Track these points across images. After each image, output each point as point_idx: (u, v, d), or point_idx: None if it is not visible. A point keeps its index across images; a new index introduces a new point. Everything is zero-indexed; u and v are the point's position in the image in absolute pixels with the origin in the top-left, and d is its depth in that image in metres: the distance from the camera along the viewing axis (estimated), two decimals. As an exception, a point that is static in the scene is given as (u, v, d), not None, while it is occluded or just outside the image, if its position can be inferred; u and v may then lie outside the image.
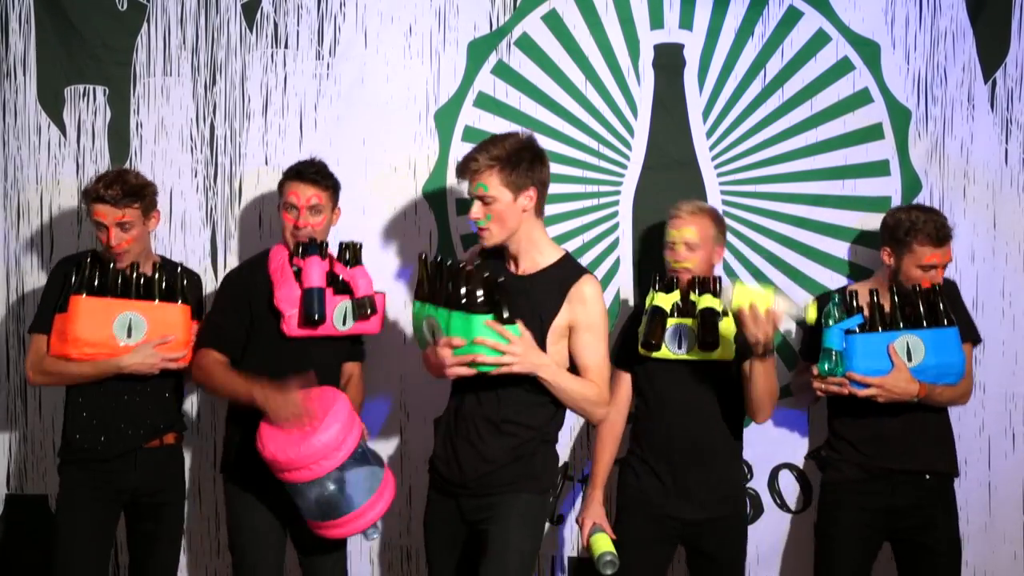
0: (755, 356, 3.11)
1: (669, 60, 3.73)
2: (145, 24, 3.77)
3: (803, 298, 3.65)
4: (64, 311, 3.20)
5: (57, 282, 3.30)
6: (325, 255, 3.22)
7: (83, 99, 3.78)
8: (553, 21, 3.73)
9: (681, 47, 3.73)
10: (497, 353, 2.89)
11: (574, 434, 3.72)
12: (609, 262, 3.73)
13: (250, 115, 3.76)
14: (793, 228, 3.72)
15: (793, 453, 3.73)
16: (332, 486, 2.97)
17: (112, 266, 3.25)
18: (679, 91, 3.73)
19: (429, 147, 3.75)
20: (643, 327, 3.25)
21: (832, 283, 3.70)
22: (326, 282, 3.18)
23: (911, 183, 3.71)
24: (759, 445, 3.58)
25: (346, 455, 2.98)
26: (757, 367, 3.13)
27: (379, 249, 3.72)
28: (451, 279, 2.96)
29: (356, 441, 3.04)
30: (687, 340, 3.22)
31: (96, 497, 3.27)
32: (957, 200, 3.73)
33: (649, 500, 3.28)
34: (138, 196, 3.27)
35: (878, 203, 3.68)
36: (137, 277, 3.25)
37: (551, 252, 3.09)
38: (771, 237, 3.72)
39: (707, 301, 3.20)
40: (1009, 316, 3.75)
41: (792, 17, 3.71)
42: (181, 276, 3.31)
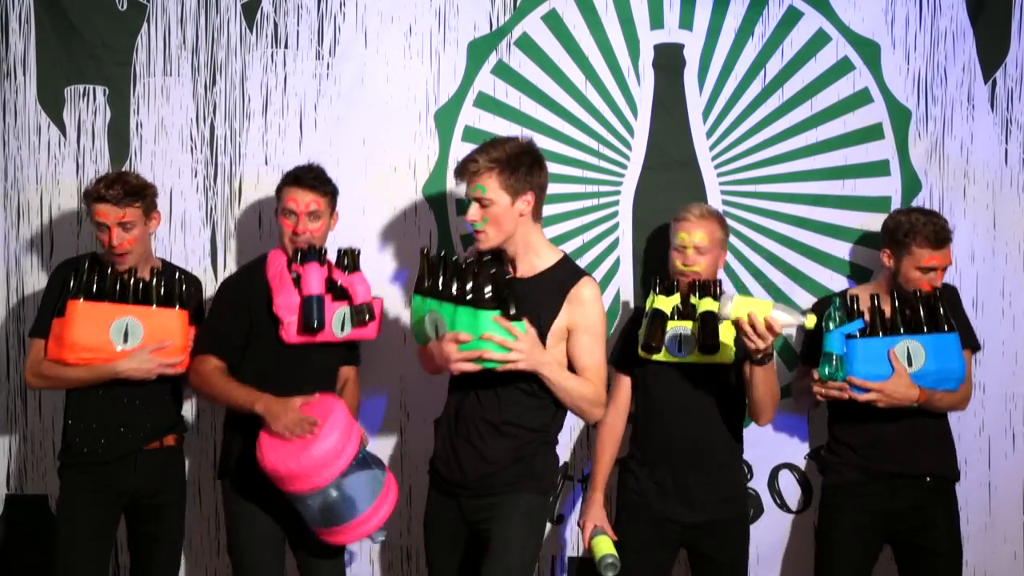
0: (755, 363, 3.11)
1: (669, 60, 3.73)
2: (145, 24, 3.76)
3: (802, 304, 3.66)
4: (62, 315, 3.21)
5: (56, 286, 3.30)
6: (324, 261, 3.21)
7: (83, 99, 3.78)
8: (553, 21, 3.72)
9: (681, 47, 3.73)
10: (504, 350, 2.90)
11: (574, 435, 3.72)
12: (609, 262, 3.73)
13: (250, 115, 3.76)
14: (793, 228, 3.72)
15: (793, 453, 3.73)
16: (335, 494, 2.98)
17: (110, 270, 3.25)
18: (679, 91, 3.73)
19: (429, 147, 3.74)
20: (643, 330, 3.24)
21: (832, 283, 3.70)
22: (325, 288, 3.18)
23: (911, 183, 3.71)
24: (759, 445, 3.58)
25: (346, 462, 2.98)
26: (757, 373, 3.13)
27: (379, 249, 3.72)
28: (456, 274, 2.96)
29: (356, 448, 3.04)
30: (687, 343, 3.22)
31: (96, 499, 3.26)
32: (957, 200, 3.73)
33: (649, 503, 3.27)
34: (139, 195, 3.27)
35: (878, 203, 3.68)
36: (135, 282, 3.25)
37: (549, 255, 3.09)
38: (771, 237, 3.72)
39: (707, 304, 3.19)
40: (1009, 316, 3.75)
41: (792, 17, 3.71)
42: (180, 281, 3.30)
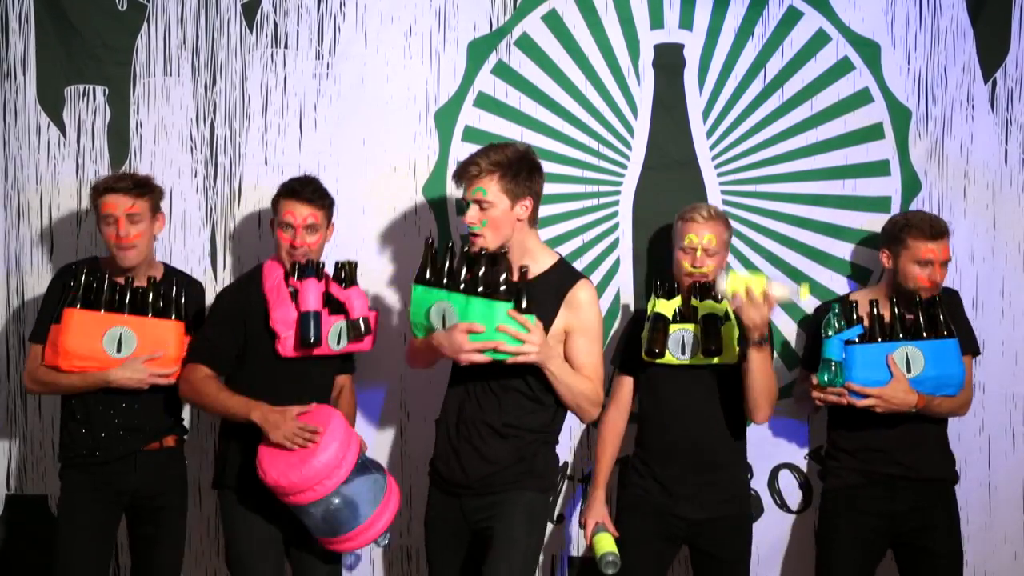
0: (752, 344, 3.11)
1: (669, 60, 3.73)
2: (145, 24, 3.76)
3: (802, 306, 3.67)
4: (59, 322, 3.21)
5: (55, 292, 3.31)
6: (321, 276, 3.21)
7: (83, 99, 3.78)
8: (553, 21, 3.72)
9: (681, 47, 3.73)
10: (518, 342, 2.90)
11: (575, 435, 3.72)
12: (609, 262, 3.73)
13: (250, 115, 3.76)
14: (793, 228, 3.72)
15: (793, 453, 3.73)
16: (338, 502, 2.98)
17: (108, 278, 3.26)
18: (679, 91, 3.73)
19: (429, 147, 3.74)
20: (646, 334, 3.25)
21: (832, 283, 3.70)
22: (322, 303, 3.17)
23: (911, 183, 3.71)
24: (759, 446, 3.58)
25: (347, 471, 2.99)
26: (754, 359, 3.12)
27: (378, 250, 3.72)
28: (467, 265, 2.97)
29: (356, 455, 3.05)
30: (690, 346, 3.22)
31: (97, 499, 3.27)
32: (957, 200, 3.73)
33: (653, 499, 3.28)
34: (148, 189, 3.30)
35: (878, 203, 3.68)
36: (132, 291, 3.25)
37: (545, 258, 3.10)
38: (771, 237, 3.72)
39: (708, 307, 3.20)
40: (1009, 316, 3.75)
41: (792, 17, 3.71)
42: (180, 292, 3.30)
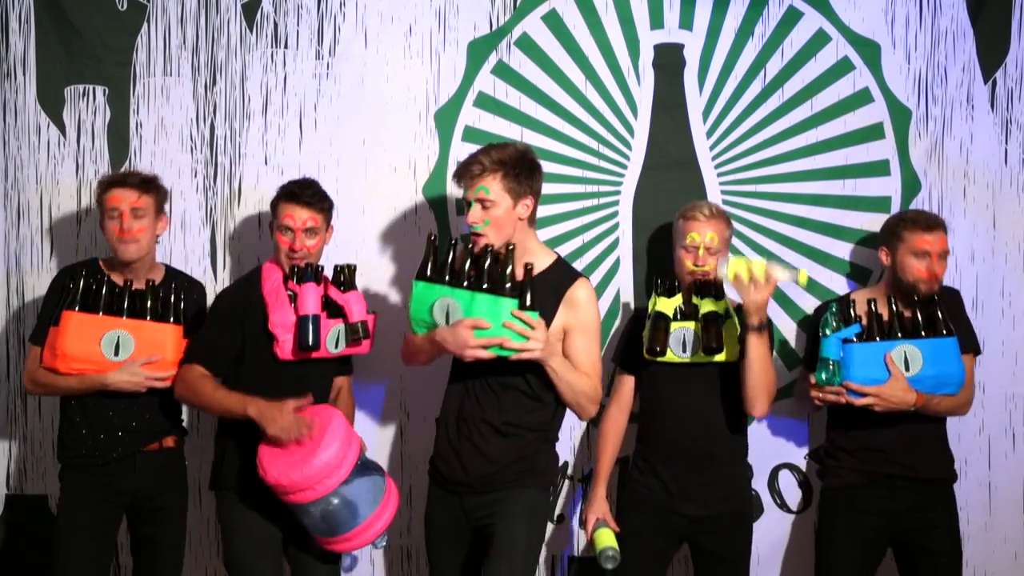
0: (751, 329, 3.11)
1: (669, 60, 3.73)
2: (145, 24, 3.76)
3: (802, 306, 3.68)
4: (57, 324, 3.21)
5: (55, 293, 3.31)
6: (320, 280, 3.21)
7: (83, 99, 3.78)
8: (553, 21, 3.72)
9: (681, 47, 3.73)
10: (522, 339, 2.92)
11: (575, 435, 3.72)
12: (609, 262, 3.73)
13: (250, 115, 3.76)
14: (793, 228, 3.72)
15: (793, 453, 3.73)
16: (337, 502, 2.98)
17: (107, 280, 3.26)
18: (679, 91, 3.73)
19: (429, 147, 3.74)
20: (647, 333, 3.25)
21: (832, 283, 3.70)
22: (321, 307, 3.17)
23: (911, 183, 3.71)
24: (759, 445, 3.57)
25: (348, 471, 2.99)
26: (753, 342, 3.13)
27: (378, 250, 3.72)
28: (472, 262, 2.98)
29: (356, 455, 3.05)
30: (691, 344, 3.22)
31: (97, 499, 3.26)
32: (957, 200, 3.73)
33: (655, 496, 3.28)
34: (154, 187, 3.32)
35: (878, 203, 3.68)
36: (131, 294, 3.25)
37: (544, 257, 3.11)
38: (771, 237, 3.72)
39: (709, 305, 3.20)
40: (1009, 316, 3.75)
41: (792, 17, 3.71)
42: (179, 293, 3.30)
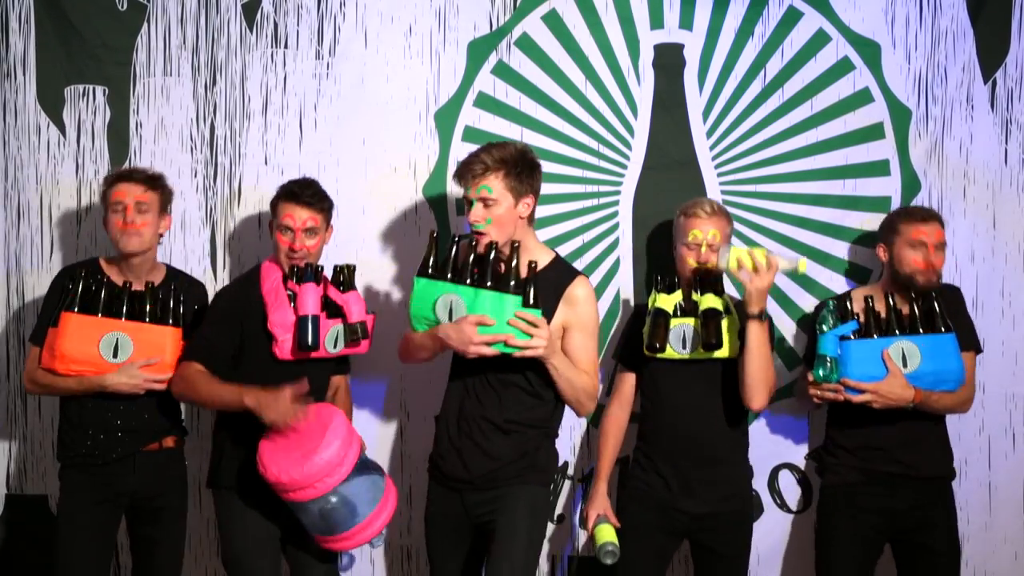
0: (751, 318, 3.12)
1: (669, 60, 3.73)
2: (145, 24, 3.76)
3: (802, 306, 3.69)
4: (56, 325, 3.21)
5: (56, 294, 3.30)
6: (320, 280, 3.21)
7: (83, 99, 3.78)
8: (553, 21, 3.72)
9: (681, 47, 3.73)
10: (526, 336, 2.93)
11: (576, 435, 3.72)
12: (609, 262, 3.73)
13: (250, 115, 3.76)
14: (793, 228, 3.72)
15: (793, 453, 3.73)
16: (337, 501, 2.98)
17: (107, 280, 3.26)
18: (679, 91, 3.73)
19: (429, 147, 3.74)
20: (647, 329, 3.25)
21: (832, 283, 3.70)
22: (320, 307, 3.17)
23: (911, 183, 3.71)
24: (759, 445, 3.57)
25: (348, 469, 2.99)
26: (753, 331, 3.14)
27: (379, 250, 3.72)
28: (478, 259, 2.99)
29: (357, 454, 3.05)
30: (691, 340, 3.23)
31: (96, 499, 3.26)
32: (957, 200, 3.73)
33: (655, 493, 3.29)
34: (159, 184, 3.33)
35: (878, 203, 3.68)
36: (130, 296, 3.25)
37: (543, 256, 3.12)
38: (771, 237, 3.71)
39: (709, 301, 3.20)
40: (1009, 316, 3.75)
41: (792, 17, 3.71)
42: (179, 295, 3.30)
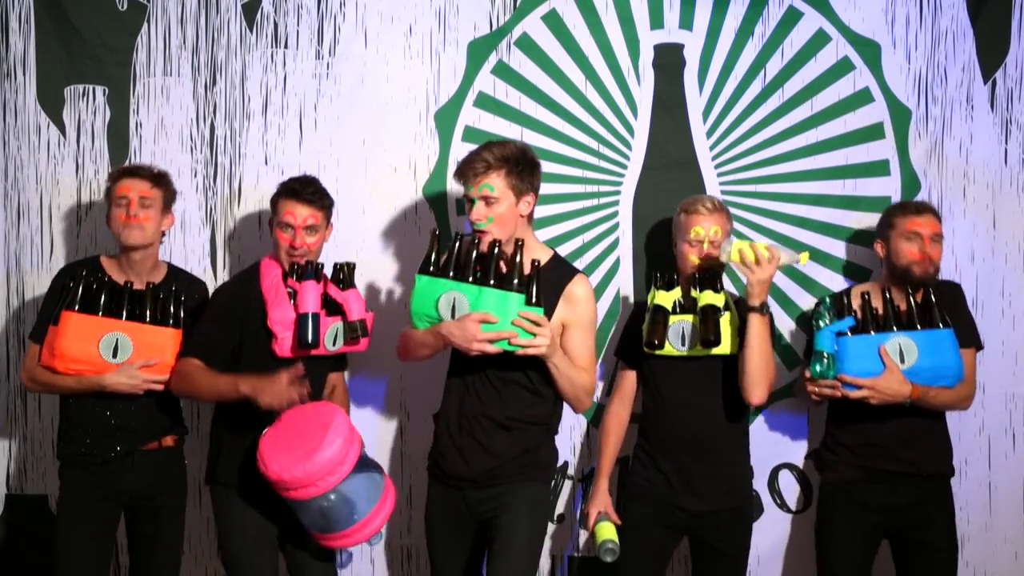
0: (753, 310, 3.13)
1: (669, 60, 3.73)
2: (145, 24, 3.77)
3: (801, 305, 3.69)
4: (57, 323, 3.21)
5: (56, 292, 3.30)
6: (320, 278, 3.21)
7: (83, 99, 3.78)
8: (553, 21, 3.73)
9: (681, 47, 3.73)
10: (531, 335, 2.94)
11: (576, 434, 3.72)
12: (609, 262, 3.73)
13: (250, 115, 3.76)
14: (793, 228, 3.72)
15: (793, 453, 3.73)
16: (337, 499, 2.97)
17: (108, 280, 3.26)
18: (679, 91, 3.73)
19: (429, 147, 3.74)
20: (646, 326, 3.26)
21: (832, 283, 3.70)
22: (320, 305, 3.17)
23: (911, 183, 3.71)
24: (759, 445, 3.57)
25: (350, 467, 2.99)
26: (754, 324, 3.14)
27: (379, 249, 3.72)
28: (481, 258, 3.00)
29: (358, 453, 3.05)
30: (690, 337, 3.23)
31: (96, 498, 3.26)
32: (957, 200, 3.73)
33: (655, 490, 3.29)
34: (164, 181, 3.34)
35: (878, 203, 3.68)
36: (131, 295, 3.24)
37: (542, 254, 3.13)
38: (771, 237, 3.70)
39: (708, 297, 3.20)
40: (1009, 316, 3.75)
41: (792, 17, 3.72)
42: (180, 295, 3.29)
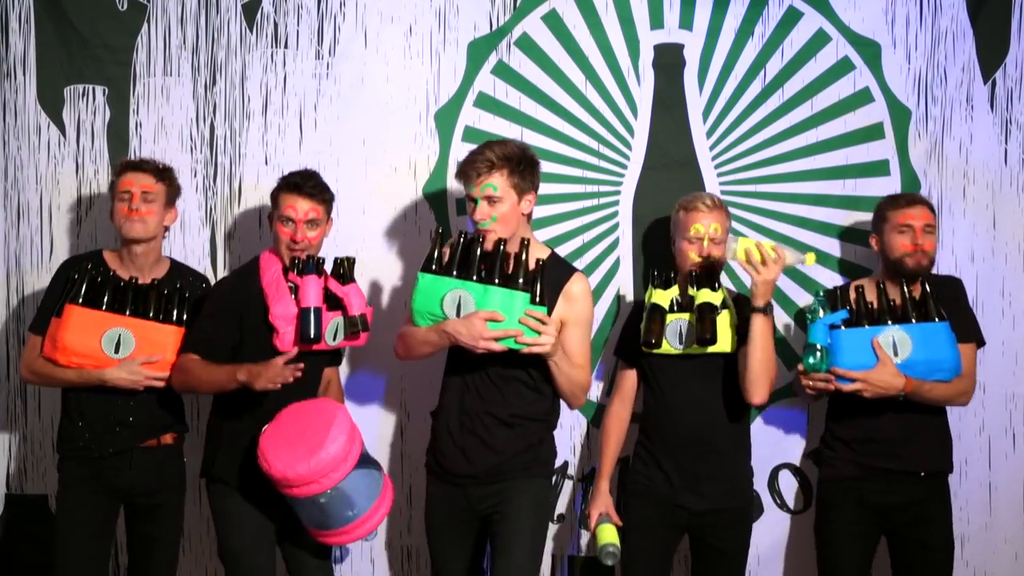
0: (756, 311, 3.13)
1: (669, 60, 3.73)
2: (145, 24, 3.76)
3: (800, 304, 3.68)
4: (60, 315, 3.21)
5: (59, 284, 3.30)
6: (322, 272, 3.21)
7: (83, 99, 3.78)
8: (553, 21, 3.73)
9: (681, 47, 3.73)
10: (536, 333, 2.95)
11: (576, 434, 3.72)
12: (609, 262, 3.73)
13: (250, 115, 3.76)
14: (793, 228, 3.72)
15: (793, 453, 3.73)
16: (338, 496, 2.97)
17: (113, 274, 3.26)
18: (679, 91, 3.73)
19: (429, 147, 3.74)
20: (643, 325, 3.26)
21: (832, 283, 3.68)
22: (322, 299, 3.17)
23: (911, 183, 3.71)
24: (759, 445, 3.57)
25: (352, 464, 2.99)
26: (757, 324, 3.15)
27: (379, 249, 3.71)
28: (485, 256, 3.01)
29: (360, 450, 3.05)
30: (687, 336, 3.23)
31: (95, 491, 3.26)
32: (957, 200, 3.74)
33: (658, 488, 3.29)
34: (168, 176, 3.34)
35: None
36: (135, 291, 3.24)
37: (541, 253, 3.14)
38: (771, 237, 3.70)
39: (705, 295, 3.21)
40: (1009, 316, 3.75)
41: (792, 17, 3.72)
42: (184, 292, 3.29)
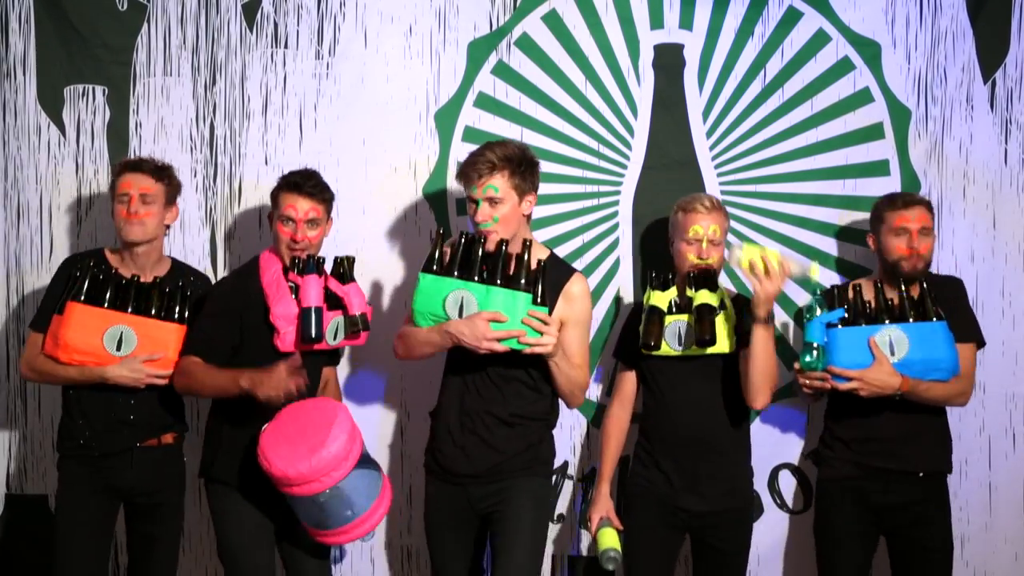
0: (758, 321, 3.13)
1: (669, 60, 3.73)
2: (145, 24, 3.77)
3: (799, 303, 3.67)
4: (61, 313, 3.21)
5: (60, 281, 3.30)
6: (322, 272, 3.21)
7: (83, 99, 3.78)
8: (553, 21, 3.73)
9: (681, 47, 3.73)
10: (539, 334, 2.97)
11: (576, 434, 3.72)
12: (609, 262, 3.73)
13: (250, 115, 3.76)
14: (793, 228, 3.72)
15: (793, 453, 3.73)
16: (337, 495, 2.97)
17: (115, 272, 3.26)
18: (679, 91, 3.74)
19: (429, 147, 3.75)
20: (642, 327, 3.26)
21: (831, 283, 3.67)
22: (323, 299, 3.17)
23: (911, 183, 3.71)
24: (759, 445, 3.57)
25: (353, 464, 2.99)
26: (759, 334, 3.14)
27: (379, 250, 3.72)
28: (487, 257, 3.01)
29: (360, 450, 3.04)
30: (685, 337, 3.23)
31: (95, 490, 3.26)
32: (956, 200, 3.74)
33: (658, 490, 3.29)
34: (166, 175, 3.33)
35: (878, 203, 3.69)
36: (137, 289, 3.24)
37: (540, 254, 3.15)
38: (771, 237, 3.71)
39: (704, 296, 3.20)
40: (1009, 316, 3.75)
41: (792, 17, 3.72)
42: (186, 291, 3.29)
